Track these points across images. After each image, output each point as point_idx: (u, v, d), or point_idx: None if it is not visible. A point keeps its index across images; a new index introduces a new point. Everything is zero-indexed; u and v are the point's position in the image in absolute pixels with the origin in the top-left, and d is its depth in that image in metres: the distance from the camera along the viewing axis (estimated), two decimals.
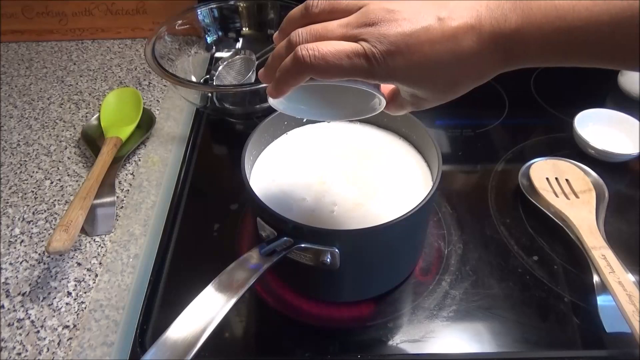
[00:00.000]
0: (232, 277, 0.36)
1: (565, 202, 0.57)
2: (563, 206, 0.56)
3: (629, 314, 0.43)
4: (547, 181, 0.59)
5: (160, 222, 0.59)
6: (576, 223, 0.53)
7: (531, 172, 0.60)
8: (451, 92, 0.32)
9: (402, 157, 0.52)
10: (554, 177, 0.60)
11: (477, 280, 0.52)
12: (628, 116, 0.67)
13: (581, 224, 0.53)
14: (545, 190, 0.58)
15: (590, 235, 0.52)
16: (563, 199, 0.57)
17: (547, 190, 0.58)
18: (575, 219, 0.54)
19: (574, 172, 0.60)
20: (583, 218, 0.54)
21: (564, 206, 0.56)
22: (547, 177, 0.60)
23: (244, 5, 0.84)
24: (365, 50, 0.29)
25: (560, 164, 0.61)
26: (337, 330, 0.49)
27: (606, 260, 0.48)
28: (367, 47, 0.29)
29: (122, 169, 0.67)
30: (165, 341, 0.32)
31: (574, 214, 0.55)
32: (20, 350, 0.48)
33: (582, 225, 0.53)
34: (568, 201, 0.57)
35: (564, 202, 0.57)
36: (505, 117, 0.74)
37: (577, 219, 0.54)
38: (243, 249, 0.56)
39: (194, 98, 0.75)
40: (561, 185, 0.59)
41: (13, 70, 0.87)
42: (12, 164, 0.68)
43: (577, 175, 0.60)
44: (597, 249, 0.50)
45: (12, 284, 0.53)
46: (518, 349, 0.47)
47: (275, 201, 0.47)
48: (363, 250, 0.44)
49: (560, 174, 0.60)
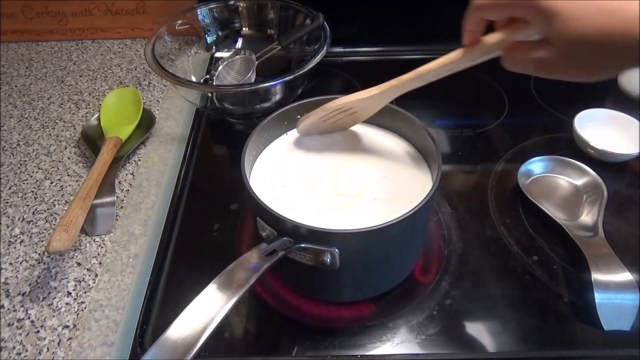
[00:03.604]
0: (232, 277, 0.36)
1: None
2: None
3: None
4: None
5: (160, 222, 0.59)
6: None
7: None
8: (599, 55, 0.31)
9: (402, 157, 0.52)
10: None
11: (477, 280, 0.52)
12: (628, 116, 0.67)
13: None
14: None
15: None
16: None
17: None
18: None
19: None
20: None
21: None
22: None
23: (244, 5, 0.84)
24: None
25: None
26: (337, 330, 0.49)
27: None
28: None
29: (122, 169, 0.67)
30: (165, 341, 0.32)
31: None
32: (20, 350, 0.48)
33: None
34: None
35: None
36: (505, 117, 0.74)
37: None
38: (243, 249, 0.56)
39: (194, 98, 0.75)
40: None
41: (13, 70, 0.87)
42: (12, 164, 0.68)
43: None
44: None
45: (12, 284, 0.53)
46: (518, 348, 0.47)
47: (275, 201, 0.47)
48: (363, 250, 0.44)
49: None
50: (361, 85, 0.80)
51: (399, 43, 0.86)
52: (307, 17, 0.78)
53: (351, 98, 0.48)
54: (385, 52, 0.88)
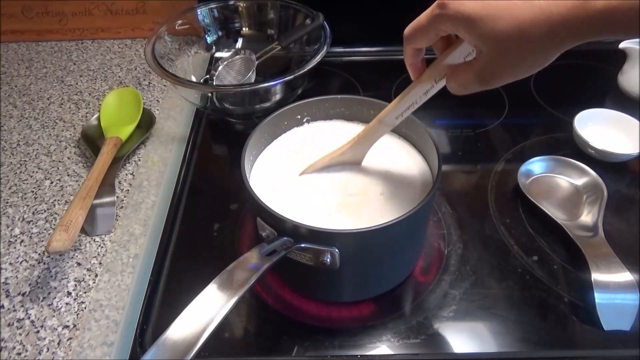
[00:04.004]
0: (232, 277, 0.36)
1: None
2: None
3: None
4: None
5: (160, 222, 0.59)
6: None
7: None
8: (525, 48, 0.31)
9: (402, 157, 0.52)
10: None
11: (477, 280, 0.52)
12: (628, 116, 0.67)
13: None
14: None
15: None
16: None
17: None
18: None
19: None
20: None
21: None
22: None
23: (244, 5, 0.84)
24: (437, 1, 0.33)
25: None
26: (337, 330, 0.49)
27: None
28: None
29: (122, 169, 0.67)
30: (165, 341, 0.32)
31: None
32: (20, 350, 0.48)
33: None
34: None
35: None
36: (505, 117, 0.74)
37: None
38: (243, 249, 0.56)
39: (194, 98, 0.75)
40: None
41: (13, 70, 0.87)
42: (12, 164, 0.68)
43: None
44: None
45: (12, 284, 0.53)
46: (518, 348, 0.47)
47: (275, 201, 0.47)
48: (363, 250, 0.44)
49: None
50: (361, 85, 0.81)
51: (399, 43, 0.86)
52: (307, 17, 0.78)
53: (329, 158, 0.49)
54: (385, 52, 0.88)
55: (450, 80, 0.37)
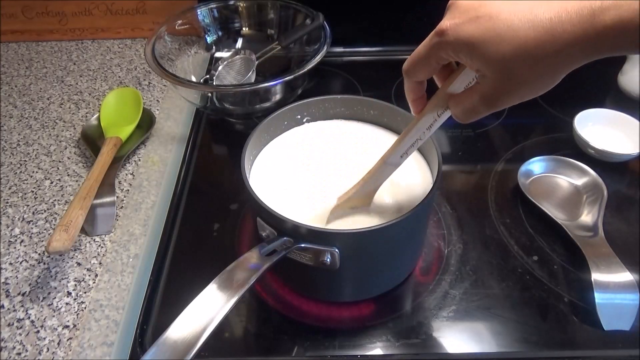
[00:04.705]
0: (232, 277, 0.36)
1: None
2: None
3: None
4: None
5: (160, 222, 0.59)
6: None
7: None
8: (530, 72, 0.30)
9: None
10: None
11: (477, 280, 0.52)
12: (628, 116, 0.67)
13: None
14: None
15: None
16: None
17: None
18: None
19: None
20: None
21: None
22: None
23: (244, 5, 0.84)
24: (436, 28, 0.32)
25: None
26: (337, 330, 0.49)
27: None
28: (439, 26, 0.32)
29: (122, 169, 0.67)
30: (165, 341, 0.32)
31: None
32: (20, 350, 0.48)
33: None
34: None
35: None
36: (505, 116, 0.74)
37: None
38: (243, 249, 0.56)
39: (194, 98, 0.75)
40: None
41: (13, 70, 0.87)
42: (12, 164, 0.68)
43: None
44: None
45: (12, 284, 0.53)
46: (518, 349, 0.47)
47: (275, 201, 0.47)
48: (363, 250, 0.44)
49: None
50: (361, 85, 0.81)
51: (399, 43, 0.86)
52: (307, 17, 0.78)
53: (336, 206, 0.47)
54: (385, 52, 0.88)
55: (455, 107, 0.36)
